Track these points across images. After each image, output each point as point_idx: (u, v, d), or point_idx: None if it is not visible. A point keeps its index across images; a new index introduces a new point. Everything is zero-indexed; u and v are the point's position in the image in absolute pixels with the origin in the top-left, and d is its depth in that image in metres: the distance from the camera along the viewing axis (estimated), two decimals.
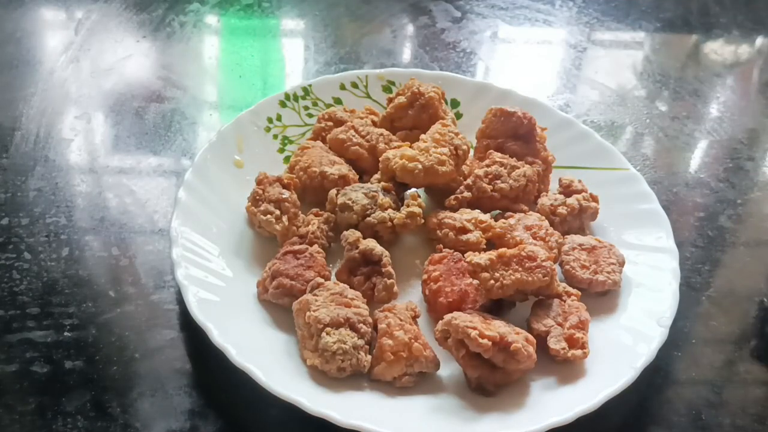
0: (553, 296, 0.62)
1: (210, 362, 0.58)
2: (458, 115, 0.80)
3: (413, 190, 0.70)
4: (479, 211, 0.69)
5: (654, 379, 0.60)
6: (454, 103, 0.81)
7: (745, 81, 0.99)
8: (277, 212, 0.66)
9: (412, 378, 0.58)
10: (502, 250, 0.61)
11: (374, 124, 0.76)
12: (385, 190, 0.68)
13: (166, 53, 0.93)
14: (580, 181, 0.72)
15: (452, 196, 0.70)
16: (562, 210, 0.69)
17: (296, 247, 0.64)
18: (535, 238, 0.66)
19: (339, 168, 0.71)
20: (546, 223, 0.68)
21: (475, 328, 0.55)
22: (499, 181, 0.70)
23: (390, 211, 0.67)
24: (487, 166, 0.71)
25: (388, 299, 0.63)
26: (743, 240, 0.76)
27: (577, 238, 0.67)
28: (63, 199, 0.73)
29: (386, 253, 0.64)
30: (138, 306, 0.64)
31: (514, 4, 1.05)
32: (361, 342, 0.58)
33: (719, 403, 0.61)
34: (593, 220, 0.71)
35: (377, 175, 0.71)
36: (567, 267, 0.65)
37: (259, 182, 0.68)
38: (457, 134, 0.70)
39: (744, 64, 1.01)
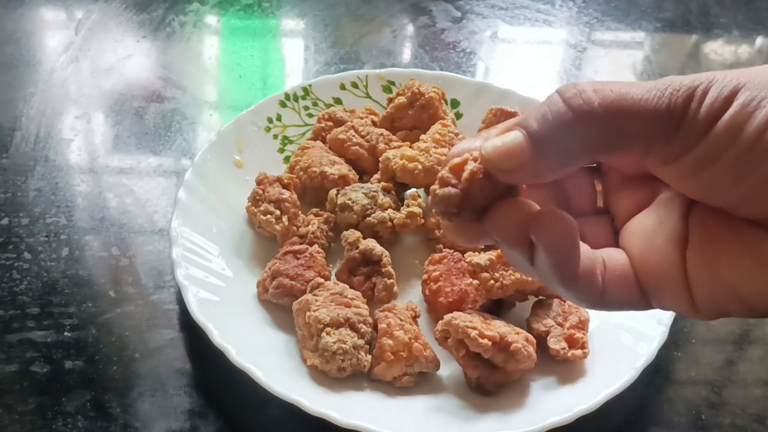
0: (553, 296, 0.62)
1: (210, 362, 0.58)
2: (458, 115, 0.80)
3: (413, 190, 0.70)
4: None
5: (654, 379, 0.60)
6: (454, 103, 0.81)
7: None
8: (277, 212, 0.66)
9: (412, 378, 0.58)
10: None
11: (374, 124, 0.76)
12: (385, 190, 0.68)
13: (166, 53, 0.93)
14: None
15: None
16: None
17: (296, 247, 0.64)
18: None
19: (339, 168, 0.71)
20: None
21: (475, 328, 0.55)
22: None
23: (390, 211, 0.67)
24: None
25: (388, 299, 0.63)
26: None
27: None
28: (63, 199, 0.73)
29: (386, 253, 0.64)
30: (138, 306, 0.64)
31: (514, 4, 1.05)
32: (361, 342, 0.58)
33: (719, 403, 0.61)
34: None
35: (377, 175, 0.71)
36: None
37: (259, 182, 0.68)
38: (457, 134, 0.70)
39: (744, 64, 1.01)
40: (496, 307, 0.62)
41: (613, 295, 0.32)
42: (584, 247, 0.32)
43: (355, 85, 0.81)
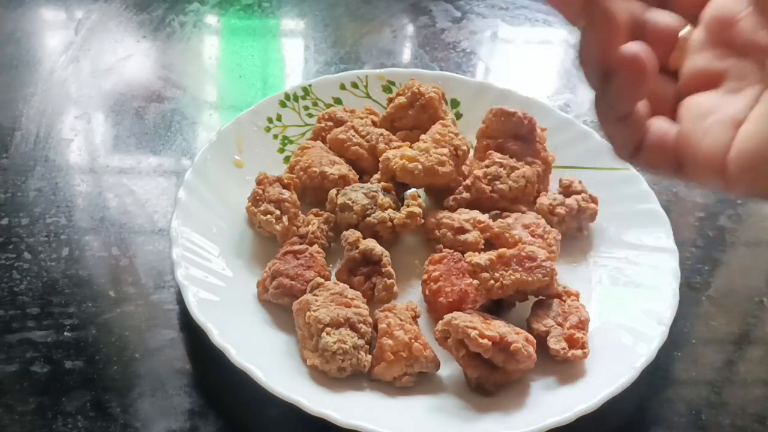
0: (553, 296, 0.62)
1: (210, 362, 0.58)
2: (458, 115, 0.80)
3: (413, 190, 0.70)
4: (478, 211, 0.69)
5: (654, 379, 0.60)
6: (454, 103, 0.81)
7: None
8: (277, 212, 0.66)
9: (412, 378, 0.58)
10: (502, 250, 0.61)
11: (374, 124, 0.76)
12: (385, 190, 0.68)
13: (166, 53, 0.93)
14: (580, 182, 0.72)
15: (451, 197, 0.70)
16: (560, 210, 0.69)
17: (296, 247, 0.64)
18: (533, 236, 0.66)
19: (339, 168, 0.71)
20: (543, 221, 0.68)
21: (475, 328, 0.55)
22: (498, 182, 0.70)
23: (390, 211, 0.67)
24: (487, 166, 0.71)
25: (388, 299, 0.63)
26: (743, 240, 0.76)
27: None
28: (63, 199, 0.73)
29: (386, 253, 0.64)
30: (138, 306, 0.64)
31: (514, 4, 1.05)
32: (361, 342, 0.58)
33: (719, 403, 0.61)
34: (592, 221, 0.71)
35: (377, 175, 0.71)
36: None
37: (259, 182, 0.68)
38: (456, 134, 0.70)
39: None
40: (496, 307, 0.62)
41: (648, 153, 0.34)
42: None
43: (355, 85, 0.81)
